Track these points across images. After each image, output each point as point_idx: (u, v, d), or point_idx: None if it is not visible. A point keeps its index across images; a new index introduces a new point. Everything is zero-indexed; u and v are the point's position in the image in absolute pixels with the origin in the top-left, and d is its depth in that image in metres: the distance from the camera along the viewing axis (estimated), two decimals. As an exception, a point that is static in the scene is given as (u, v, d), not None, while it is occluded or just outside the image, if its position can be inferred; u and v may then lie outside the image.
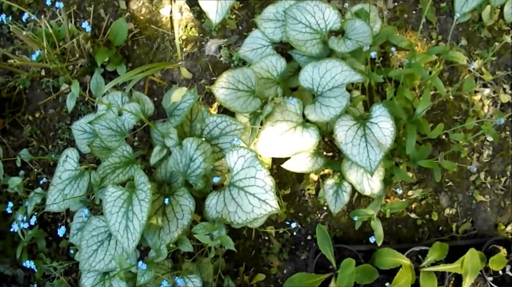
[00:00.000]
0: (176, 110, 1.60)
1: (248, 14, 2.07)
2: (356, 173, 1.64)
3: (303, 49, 1.66)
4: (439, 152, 1.95)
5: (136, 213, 1.39)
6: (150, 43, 2.09)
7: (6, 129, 2.17)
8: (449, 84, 2.09)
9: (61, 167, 1.66)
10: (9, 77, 2.23)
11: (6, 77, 2.24)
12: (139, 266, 1.32)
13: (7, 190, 1.87)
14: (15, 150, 2.16)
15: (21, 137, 2.17)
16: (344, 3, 1.99)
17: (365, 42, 1.61)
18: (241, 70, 1.63)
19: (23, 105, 2.21)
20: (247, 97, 1.62)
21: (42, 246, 1.97)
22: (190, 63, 2.03)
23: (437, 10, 2.15)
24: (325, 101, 1.58)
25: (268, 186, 1.39)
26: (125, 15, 2.13)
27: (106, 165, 1.55)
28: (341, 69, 1.58)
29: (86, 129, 1.81)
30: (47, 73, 2.18)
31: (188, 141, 1.48)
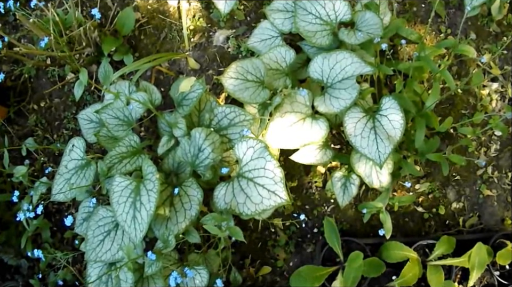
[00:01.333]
0: (184, 100, 1.58)
1: (256, 4, 2.04)
2: (365, 166, 1.62)
3: (313, 41, 1.63)
4: (447, 146, 1.92)
5: (144, 203, 1.37)
6: (157, 33, 2.06)
7: (10, 118, 2.15)
8: (458, 78, 2.06)
9: (67, 157, 1.64)
10: (15, 65, 2.20)
11: (11, 65, 2.22)
12: (148, 256, 1.31)
13: (11, 179, 1.86)
14: (20, 139, 2.14)
15: (25, 126, 2.15)
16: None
17: (375, 34, 1.59)
18: (250, 61, 1.61)
19: (28, 94, 2.18)
20: (256, 88, 1.59)
21: (46, 236, 1.95)
22: (198, 53, 2.01)
23: (446, 3, 2.12)
24: (334, 93, 1.56)
25: (278, 178, 1.37)
26: (132, 5, 2.10)
27: (113, 154, 1.53)
28: (351, 61, 1.56)
29: (93, 119, 1.79)
30: (53, 62, 2.16)
31: (196, 131, 1.46)
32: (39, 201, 1.67)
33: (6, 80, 2.18)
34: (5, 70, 2.21)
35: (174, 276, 1.33)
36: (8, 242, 1.96)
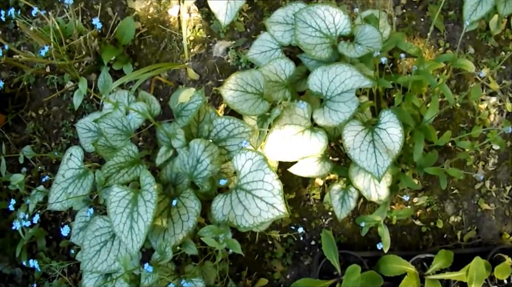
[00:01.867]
0: (183, 111, 1.58)
1: (256, 16, 2.05)
2: (363, 179, 1.62)
3: (313, 53, 1.64)
4: (445, 160, 1.93)
5: (141, 213, 1.36)
6: (157, 43, 2.07)
7: (8, 126, 2.15)
8: (456, 92, 2.08)
9: (64, 165, 1.64)
10: (14, 72, 2.20)
11: (11, 72, 2.22)
12: (145, 268, 1.30)
13: (8, 187, 1.86)
14: (18, 147, 2.13)
15: (23, 134, 2.15)
16: (354, 8, 1.98)
17: (375, 48, 1.60)
18: (250, 72, 1.61)
19: (27, 101, 2.18)
20: (255, 100, 1.60)
21: (42, 245, 1.95)
22: (197, 64, 2.01)
23: (445, 18, 2.14)
24: (333, 106, 1.56)
25: (276, 190, 1.37)
26: (133, 14, 2.11)
27: (111, 164, 1.53)
28: (351, 74, 1.56)
29: (91, 128, 1.79)
30: (52, 70, 2.16)
31: (195, 142, 1.46)
32: (36, 210, 1.66)
33: (4, 87, 2.17)
34: (3, 77, 2.21)
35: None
36: (3, 250, 1.95)
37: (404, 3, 2.13)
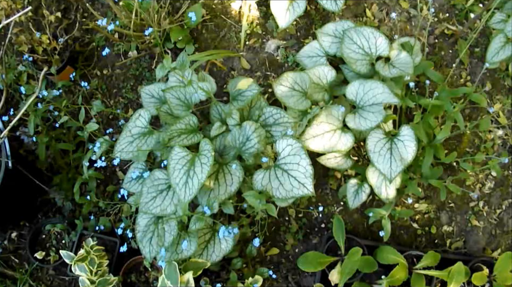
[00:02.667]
0: (240, 96, 1.94)
1: (307, 23, 2.41)
2: (377, 178, 1.99)
3: (353, 67, 2.00)
4: (448, 176, 2.29)
5: (197, 172, 1.73)
6: (218, 30, 2.43)
7: (75, 80, 2.52)
8: (469, 119, 2.43)
9: (132, 123, 2.00)
10: (86, 33, 2.57)
11: (83, 32, 2.59)
12: (205, 211, 1.68)
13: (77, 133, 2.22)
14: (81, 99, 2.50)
15: (87, 88, 2.52)
16: (394, 35, 2.33)
17: (406, 72, 1.96)
18: (299, 74, 1.98)
19: (94, 61, 2.55)
20: (299, 97, 1.97)
21: (92, 186, 2.32)
22: (250, 55, 2.38)
23: (470, 53, 2.49)
24: (364, 114, 1.92)
25: (308, 173, 1.74)
26: (200, 1, 2.47)
27: (174, 129, 1.89)
28: (382, 90, 1.92)
29: (154, 95, 2.15)
30: (120, 37, 2.52)
31: (247, 123, 1.83)
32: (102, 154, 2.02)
33: (76, 44, 2.55)
34: (76, 36, 2.58)
35: (222, 230, 1.70)
36: (60, 185, 2.33)
37: (437, 34, 2.48)
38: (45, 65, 2.47)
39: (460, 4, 2.54)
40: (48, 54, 2.43)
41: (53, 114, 2.28)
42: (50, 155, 2.41)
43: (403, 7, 2.51)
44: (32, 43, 2.48)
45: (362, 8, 2.46)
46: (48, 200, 2.43)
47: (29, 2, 2.73)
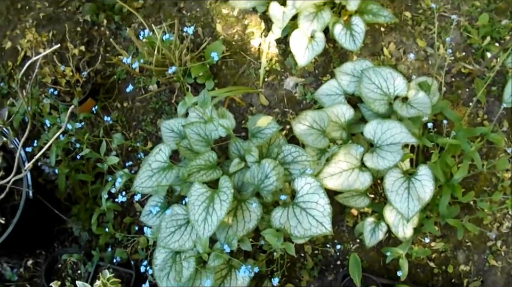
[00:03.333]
0: (259, 133, 2.00)
1: (325, 61, 2.48)
2: (394, 217, 2.02)
3: (372, 106, 2.05)
4: (465, 215, 2.31)
5: (216, 209, 1.78)
6: (237, 67, 2.51)
7: (96, 111, 2.59)
8: (486, 158, 2.46)
9: (152, 158, 2.06)
10: (108, 66, 2.66)
11: (105, 65, 2.68)
12: (225, 249, 1.72)
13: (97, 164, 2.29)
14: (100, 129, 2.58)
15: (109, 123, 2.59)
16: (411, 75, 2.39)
17: (424, 113, 2.00)
18: (318, 112, 2.04)
19: (115, 93, 2.64)
20: (318, 135, 2.02)
21: (110, 217, 2.37)
22: (269, 92, 2.45)
23: (487, 92, 2.53)
24: (382, 153, 1.97)
25: (326, 212, 1.78)
26: (220, 38, 2.56)
27: (193, 164, 1.95)
28: (400, 130, 1.97)
29: (174, 129, 2.22)
30: (141, 71, 2.61)
31: (266, 161, 1.88)
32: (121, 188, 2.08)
33: (97, 77, 2.64)
34: (99, 68, 2.67)
35: (243, 269, 1.74)
36: (78, 215, 2.39)
37: (454, 73, 2.53)
38: (67, 97, 2.56)
39: (476, 43, 2.59)
40: (71, 86, 2.52)
41: (74, 145, 2.35)
42: (69, 185, 2.48)
43: (420, 46, 2.57)
44: (55, 75, 2.57)
45: (380, 46, 2.53)
46: (65, 229, 2.48)
47: (53, 35, 2.85)
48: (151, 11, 2.73)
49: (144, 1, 2.76)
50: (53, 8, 2.91)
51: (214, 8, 2.63)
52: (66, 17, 2.86)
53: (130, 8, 2.69)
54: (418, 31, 2.61)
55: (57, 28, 2.84)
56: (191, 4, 2.69)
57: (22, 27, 2.90)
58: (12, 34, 2.90)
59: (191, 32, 2.13)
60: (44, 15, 2.88)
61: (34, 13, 2.92)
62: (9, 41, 2.89)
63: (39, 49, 2.76)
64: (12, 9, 2.98)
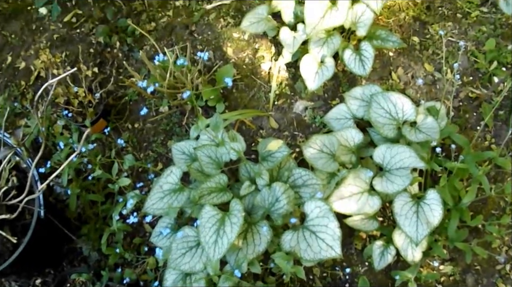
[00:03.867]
0: (270, 157, 2.04)
1: (335, 85, 2.53)
2: (403, 241, 2.04)
3: (381, 131, 2.09)
4: (474, 238, 2.32)
5: (227, 232, 1.81)
6: (248, 90, 2.56)
7: (108, 132, 2.65)
8: (494, 182, 2.48)
9: (163, 179, 2.10)
10: (120, 88, 2.72)
11: (116, 86, 2.74)
12: (235, 273, 1.75)
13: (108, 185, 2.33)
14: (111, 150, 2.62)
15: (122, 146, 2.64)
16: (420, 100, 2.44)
17: (432, 137, 2.04)
18: (328, 137, 2.08)
19: (126, 114, 2.69)
20: (327, 159, 2.06)
21: (119, 237, 2.40)
22: (279, 115, 2.49)
23: (495, 116, 2.56)
24: (391, 177, 2.00)
25: (336, 236, 1.80)
26: (231, 61, 2.61)
27: (204, 187, 1.98)
28: (409, 155, 2.00)
29: (185, 151, 2.26)
30: (153, 93, 2.67)
31: (277, 184, 1.91)
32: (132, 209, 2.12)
33: (109, 98, 2.70)
34: (110, 89, 2.73)
35: None
36: (88, 235, 2.42)
37: (461, 97, 2.58)
38: (80, 117, 2.62)
39: (484, 67, 2.64)
40: (83, 106, 2.58)
41: (85, 166, 2.40)
42: (80, 205, 2.52)
43: (428, 70, 2.62)
44: (68, 95, 2.64)
45: (388, 71, 2.58)
46: (74, 249, 2.52)
47: (66, 55, 2.92)
48: (163, 34, 2.80)
49: (156, 24, 2.83)
50: (66, 29, 2.99)
51: (225, 32, 2.70)
52: (80, 38, 2.93)
53: (143, 30, 2.76)
54: (426, 55, 2.66)
55: (71, 49, 2.91)
56: (202, 27, 2.75)
57: (36, 48, 2.98)
58: (26, 54, 2.98)
59: (205, 58, 2.18)
60: (58, 37, 2.96)
61: (48, 34, 3.00)
62: (23, 62, 2.96)
63: (53, 70, 2.83)
64: (26, 30, 3.06)
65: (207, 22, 2.77)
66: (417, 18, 2.78)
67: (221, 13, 2.77)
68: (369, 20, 2.27)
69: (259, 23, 2.45)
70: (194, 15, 2.79)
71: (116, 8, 2.93)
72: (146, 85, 2.07)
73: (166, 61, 2.34)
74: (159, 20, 2.84)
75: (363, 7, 2.28)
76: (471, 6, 2.82)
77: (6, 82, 2.96)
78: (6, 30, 3.10)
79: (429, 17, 2.78)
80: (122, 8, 2.92)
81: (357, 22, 2.30)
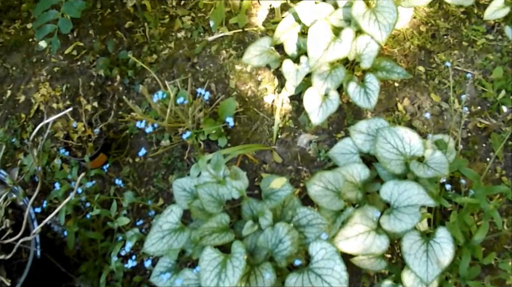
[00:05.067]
0: (273, 195, 1.99)
1: (339, 117, 2.49)
2: (413, 281, 1.96)
3: (388, 167, 2.04)
4: (486, 275, 2.25)
5: (228, 275, 1.75)
6: (251, 123, 2.52)
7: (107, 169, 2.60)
8: (506, 215, 2.41)
9: (163, 218, 2.05)
10: (120, 121, 2.69)
11: (117, 119, 2.71)
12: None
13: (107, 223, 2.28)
14: (111, 185, 2.58)
15: (118, 175, 2.60)
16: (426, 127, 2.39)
17: (442, 173, 1.98)
18: (333, 173, 2.02)
19: (127, 148, 2.65)
20: (333, 197, 2.00)
21: (119, 276, 2.34)
22: (282, 149, 2.45)
23: (505, 147, 2.51)
24: (398, 215, 1.94)
25: (343, 279, 1.73)
26: (233, 93, 2.58)
27: (205, 227, 1.93)
28: (418, 192, 1.95)
29: (186, 188, 2.21)
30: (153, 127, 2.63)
31: (280, 225, 1.85)
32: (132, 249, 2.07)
33: (110, 131, 2.67)
34: (110, 122, 2.70)
35: None
36: (87, 273, 2.36)
37: (470, 128, 2.52)
38: (79, 152, 2.58)
39: (491, 96, 2.59)
40: (82, 141, 2.55)
41: (84, 203, 2.35)
42: (78, 243, 2.46)
43: (434, 101, 2.57)
44: (67, 129, 2.61)
45: (394, 101, 2.54)
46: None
47: (67, 88, 2.90)
48: (164, 66, 2.78)
49: (158, 56, 2.82)
50: (67, 62, 2.98)
51: (227, 64, 2.68)
52: (80, 71, 2.92)
53: (144, 62, 2.75)
54: (432, 85, 2.62)
55: (71, 82, 2.90)
56: (204, 60, 2.73)
57: (36, 80, 2.97)
58: (26, 87, 2.97)
59: (206, 98, 2.15)
60: (58, 69, 2.95)
61: (49, 67, 2.99)
62: (24, 95, 2.95)
63: (52, 104, 2.81)
64: (27, 62, 3.06)
65: (209, 54, 2.75)
66: (422, 47, 2.75)
67: (223, 45, 2.75)
68: (373, 52, 2.24)
69: (262, 56, 2.43)
70: (196, 47, 2.77)
71: (117, 40, 2.93)
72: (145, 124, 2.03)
73: (167, 97, 2.31)
74: (161, 52, 2.83)
75: (367, 39, 2.24)
76: (476, 34, 2.79)
77: (6, 114, 2.94)
78: (7, 62, 3.10)
79: (434, 46, 2.76)
80: (124, 40, 2.91)
81: (361, 54, 2.27)
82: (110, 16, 3.05)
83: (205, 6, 2.92)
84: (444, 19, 2.86)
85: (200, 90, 2.18)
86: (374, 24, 2.20)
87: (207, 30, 2.84)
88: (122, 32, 2.93)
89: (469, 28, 2.82)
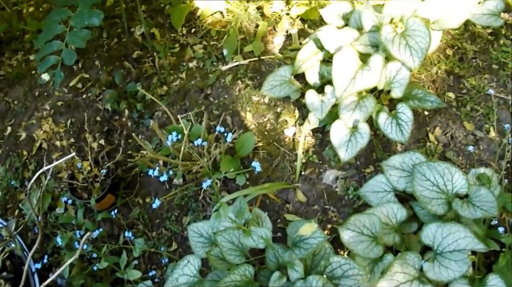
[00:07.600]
0: (302, 243, 1.79)
1: (367, 150, 2.29)
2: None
3: (428, 207, 1.84)
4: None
5: None
6: (271, 159, 2.33)
7: (116, 207, 2.41)
8: (555, 255, 2.19)
9: (179, 270, 1.86)
10: (129, 158, 2.50)
11: (125, 156, 2.53)
12: None
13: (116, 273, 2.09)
14: (120, 229, 2.39)
15: (128, 217, 2.41)
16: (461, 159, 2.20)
17: (490, 213, 1.78)
18: (368, 216, 1.82)
19: (136, 188, 2.46)
20: (369, 243, 1.79)
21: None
22: (306, 187, 2.25)
23: (549, 177, 2.31)
24: (444, 262, 1.73)
25: None
26: (251, 127, 2.40)
27: (227, 280, 1.73)
28: (464, 235, 1.74)
29: (203, 234, 2.02)
30: (165, 164, 2.45)
31: (314, 278, 1.65)
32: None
33: (118, 169, 2.48)
34: (119, 160, 2.52)
35: None
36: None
37: (509, 158, 2.32)
38: (85, 193, 2.40)
39: (530, 124, 2.40)
40: (88, 181, 2.37)
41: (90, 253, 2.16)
42: (86, 293, 2.26)
43: (468, 129, 2.38)
44: (72, 169, 2.43)
45: (425, 131, 2.35)
46: None
47: (71, 123, 2.74)
48: (175, 98, 2.61)
49: (169, 88, 2.65)
50: (72, 95, 2.82)
51: (243, 95, 2.50)
52: (86, 105, 2.76)
53: (154, 94, 2.59)
54: (464, 112, 2.43)
55: (76, 116, 2.74)
56: (218, 90, 2.56)
57: (38, 116, 2.81)
58: (28, 123, 2.81)
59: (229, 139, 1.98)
60: (62, 103, 2.79)
61: (52, 101, 2.84)
62: (25, 131, 2.78)
63: (55, 141, 2.64)
64: (29, 96, 2.91)
65: (223, 85, 2.58)
66: (450, 72, 2.57)
67: (238, 74, 2.58)
68: (405, 79, 2.06)
69: (282, 86, 2.26)
70: (209, 77, 2.61)
71: (124, 71, 2.77)
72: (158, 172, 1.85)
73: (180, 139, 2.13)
74: (171, 83, 2.66)
75: (398, 65, 2.07)
76: (507, 56, 2.62)
77: (7, 152, 2.77)
78: (9, 95, 2.95)
79: (463, 70, 2.58)
80: (132, 71, 2.76)
81: (392, 82, 2.09)
82: (117, 46, 2.90)
83: (218, 33, 2.77)
84: (471, 41, 2.69)
85: (219, 128, 2.01)
86: (405, 50, 2.03)
87: (220, 59, 2.68)
88: (130, 62, 2.77)
89: (498, 50, 2.65)
